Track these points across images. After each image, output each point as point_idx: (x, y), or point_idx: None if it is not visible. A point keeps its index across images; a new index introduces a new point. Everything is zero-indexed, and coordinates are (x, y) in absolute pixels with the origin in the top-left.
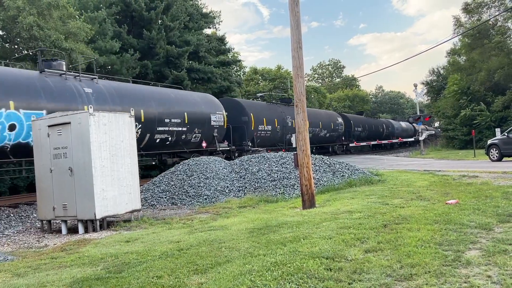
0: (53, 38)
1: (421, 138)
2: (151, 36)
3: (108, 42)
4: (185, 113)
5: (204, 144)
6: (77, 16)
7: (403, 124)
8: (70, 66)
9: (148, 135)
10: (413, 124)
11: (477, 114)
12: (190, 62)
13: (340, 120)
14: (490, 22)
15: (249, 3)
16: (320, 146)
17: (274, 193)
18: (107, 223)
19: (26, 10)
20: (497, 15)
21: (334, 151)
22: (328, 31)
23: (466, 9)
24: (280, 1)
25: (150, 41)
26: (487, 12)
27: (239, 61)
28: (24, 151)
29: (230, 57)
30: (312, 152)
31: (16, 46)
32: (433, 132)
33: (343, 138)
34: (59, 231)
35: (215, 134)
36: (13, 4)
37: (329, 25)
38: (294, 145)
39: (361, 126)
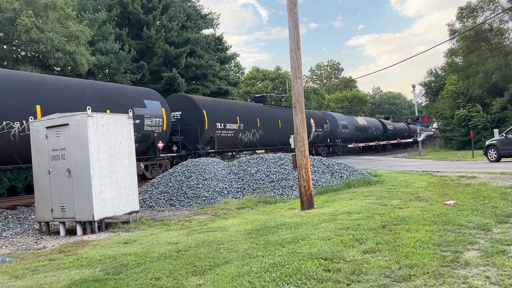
0: (55, 42)
1: (419, 139)
2: (150, 35)
3: (107, 43)
4: None
5: None
6: (75, 18)
7: (362, 120)
8: (70, 68)
9: None
10: (385, 120)
11: (473, 115)
12: (188, 59)
13: (153, 106)
14: (487, 24)
15: (247, 4)
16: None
17: (272, 194)
18: (105, 225)
19: (23, 12)
20: (493, 17)
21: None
22: (326, 32)
23: (461, 15)
24: (279, 2)
25: (148, 41)
26: (482, 15)
27: (236, 55)
28: None
29: (227, 53)
30: None
31: (14, 48)
32: (431, 132)
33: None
34: (57, 232)
35: None
36: (10, 6)
37: (328, 26)
38: (292, 146)
39: (238, 122)
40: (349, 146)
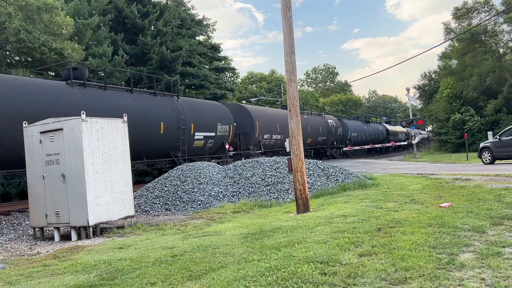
0: (42, 40)
1: (414, 142)
2: (145, 42)
3: (101, 47)
4: None
5: None
6: (60, 13)
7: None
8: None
9: None
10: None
11: (467, 119)
12: (186, 67)
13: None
14: (482, 26)
15: (244, 8)
16: None
17: (268, 198)
18: (100, 230)
19: (14, 16)
20: (488, 19)
21: None
22: (322, 36)
23: (456, 15)
24: (275, 6)
25: (144, 47)
26: (477, 17)
27: (233, 68)
28: None
29: (223, 63)
30: None
31: (7, 53)
32: (426, 135)
33: None
34: (51, 238)
35: None
36: (5, 11)
37: (324, 30)
38: (288, 150)
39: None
40: (344, 149)
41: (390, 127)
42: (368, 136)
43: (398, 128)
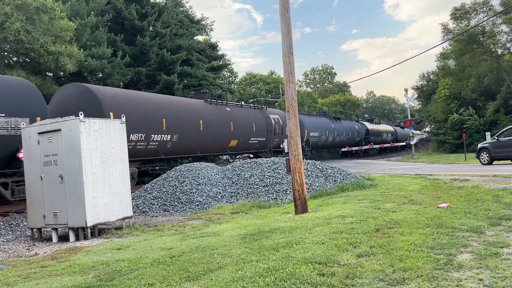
0: (41, 41)
1: (412, 143)
2: (144, 42)
3: (100, 49)
4: None
5: None
6: (62, 15)
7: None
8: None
9: None
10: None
11: (466, 119)
12: (184, 66)
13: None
14: (479, 27)
15: (242, 9)
16: None
17: (266, 199)
18: (98, 231)
19: (14, 16)
20: (486, 20)
21: None
22: (321, 36)
23: (454, 15)
24: (274, 7)
25: (143, 47)
26: (475, 17)
27: (229, 64)
28: None
29: (221, 62)
30: None
31: (6, 53)
32: (424, 136)
33: None
34: (49, 239)
35: None
36: (1, 11)
37: (322, 31)
38: (286, 150)
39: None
40: (342, 150)
41: (371, 126)
42: (336, 137)
43: (383, 127)
